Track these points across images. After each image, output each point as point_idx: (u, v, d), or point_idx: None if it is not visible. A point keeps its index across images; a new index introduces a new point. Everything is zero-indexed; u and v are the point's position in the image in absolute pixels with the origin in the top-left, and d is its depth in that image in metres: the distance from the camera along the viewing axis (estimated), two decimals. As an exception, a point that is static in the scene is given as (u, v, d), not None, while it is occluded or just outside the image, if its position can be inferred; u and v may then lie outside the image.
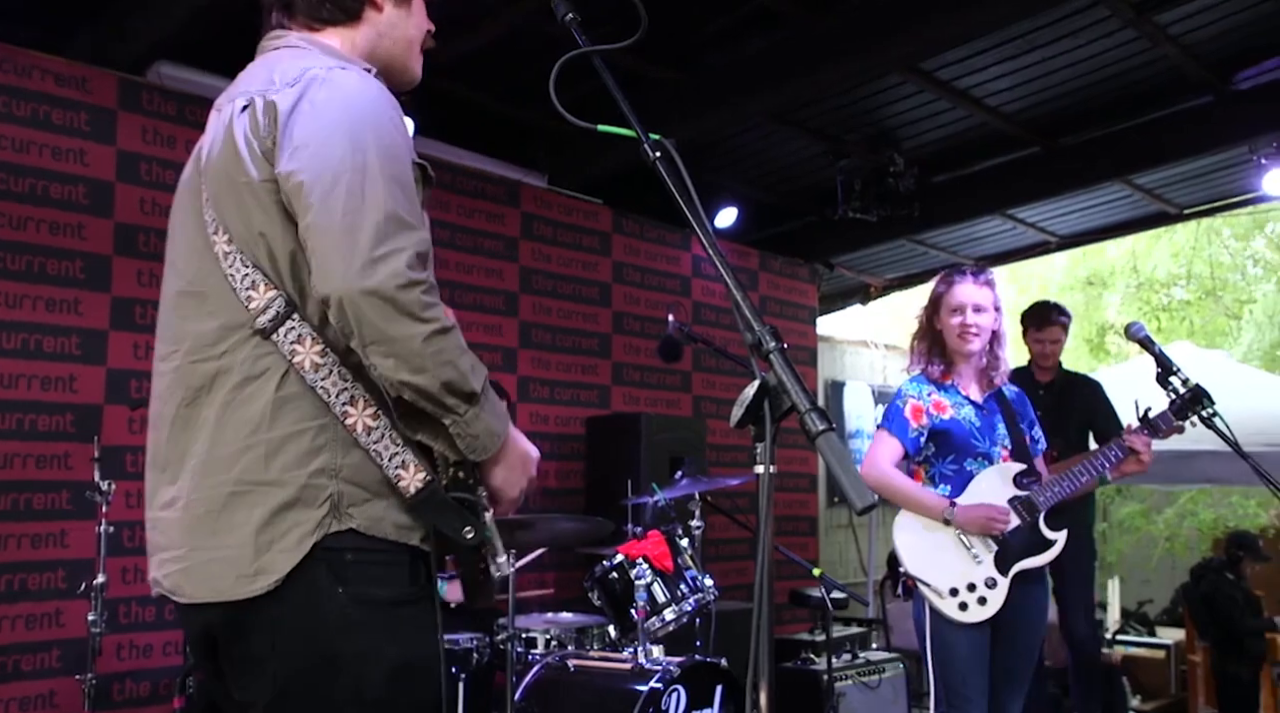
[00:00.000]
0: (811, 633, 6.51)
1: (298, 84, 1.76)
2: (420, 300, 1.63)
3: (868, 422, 10.68)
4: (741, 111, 6.28)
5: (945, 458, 3.76)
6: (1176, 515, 10.68)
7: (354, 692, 1.69)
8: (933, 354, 3.82)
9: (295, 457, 1.71)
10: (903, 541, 3.74)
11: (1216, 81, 6.37)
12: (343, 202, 1.65)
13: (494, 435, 1.77)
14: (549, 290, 6.73)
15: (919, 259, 9.34)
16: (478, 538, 1.77)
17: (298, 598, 1.69)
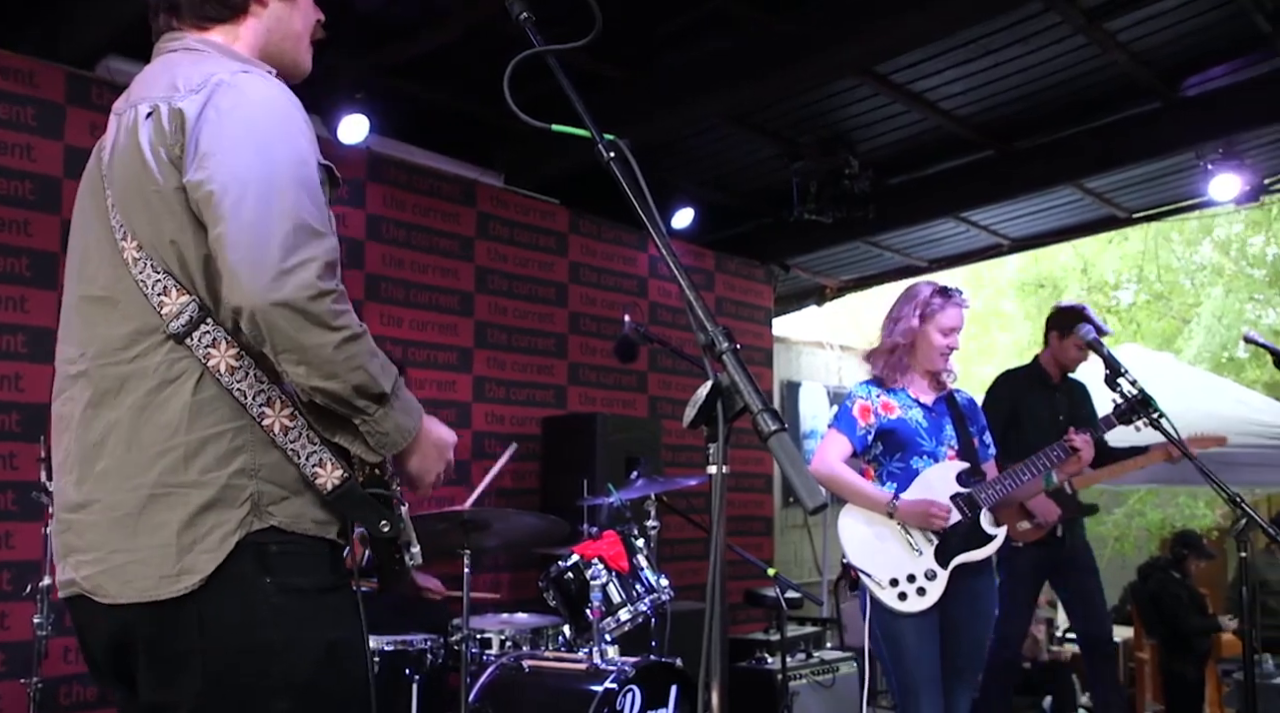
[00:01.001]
0: (766, 633, 6.54)
1: (202, 90, 1.76)
2: (331, 309, 1.66)
3: (823, 422, 10.74)
4: (698, 113, 6.29)
5: (892, 456, 3.92)
6: (1125, 516, 10.84)
7: (285, 678, 1.73)
8: (896, 360, 3.95)
9: (214, 458, 1.74)
10: (846, 532, 3.89)
11: (1164, 88, 6.47)
12: (251, 212, 1.66)
13: (404, 431, 1.80)
14: (505, 290, 6.71)
15: (874, 261, 9.41)
16: (393, 531, 1.83)
17: (225, 591, 1.72)
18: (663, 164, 7.16)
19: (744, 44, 5.75)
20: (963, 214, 8.25)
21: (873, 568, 3.79)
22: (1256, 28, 5.57)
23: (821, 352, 11.14)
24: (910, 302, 3.98)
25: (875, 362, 4.04)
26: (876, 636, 3.80)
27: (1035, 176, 7.46)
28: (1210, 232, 11.65)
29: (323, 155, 1.85)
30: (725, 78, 5.89)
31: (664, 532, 4.86)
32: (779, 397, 10.07)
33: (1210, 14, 5.77)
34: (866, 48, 5.65)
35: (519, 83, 1.78)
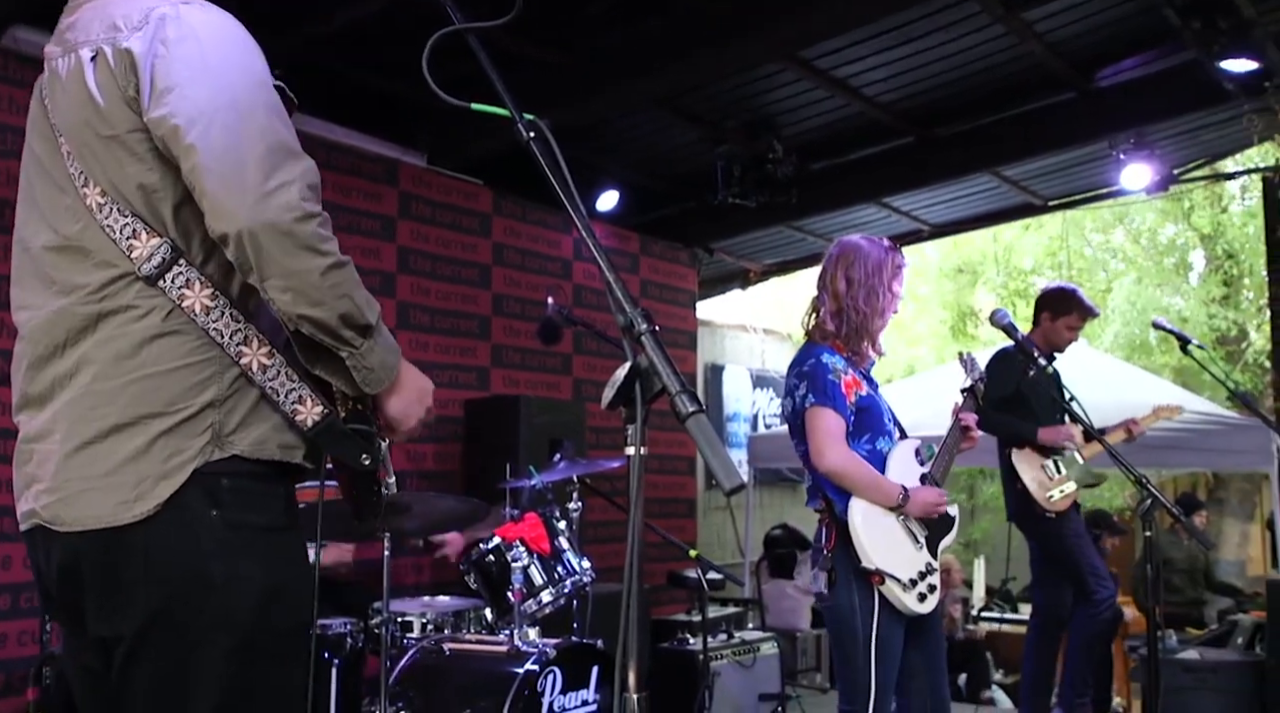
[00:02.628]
0: (688, 614, 6.60)
1: (145, 26, 1.72)
2: (318, 233, 1.65)
3: (746, 405, 10.84)
4: (623, 95, 6.28)
5: (862, 437, 3.51)
6: (1039, 496, 11.06)
7: (224, 613, 1.71)
8: (850, 329, 3.55)
9: (182, 390, 1.73)
10: (863, 534, 3.39)
11: (1079, 78, 6.60)
12: (221, 138, 1.64)
13: (388, 368, 1.79)
14: (427, 271, 6.64)
15: (797, 245, 9.49)
16: (374, 465, 1.82)
17: (171, 522, 1.70)
18: (588, 146, 7.14)
19: (670, 27, 5.74)
20: (884, 200, 8.36)
21: (897, 570, 3.38)
22: (1167, 21, 5.70)
23: (745, 335, 11.22)
24: (867, 261, 3.55)
25: (834, 328, 3.56)
26: (865, 635, 3.37)
27: (954, 163, 7.58)
28: (1122, 219, 11.93)
29: None
30: (651, 60, 5.89)
31: (587, 514, 4.86)
32: (703, 380, 10.13)
33: (1123, 6, 5.90)
34: (791, 33, 5.67)
35: (443, 61, 1.76)
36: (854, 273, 3.54)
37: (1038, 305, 5.50)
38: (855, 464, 3.42)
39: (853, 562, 3.37)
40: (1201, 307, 10.88)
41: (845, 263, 3.57)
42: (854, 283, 3.52)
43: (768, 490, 10.53)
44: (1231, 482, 10.85)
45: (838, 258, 3.61)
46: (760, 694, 5.86)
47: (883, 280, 3.53)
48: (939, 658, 3.61)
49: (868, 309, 3.51)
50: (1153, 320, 5.37)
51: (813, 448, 3.44)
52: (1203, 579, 8.97)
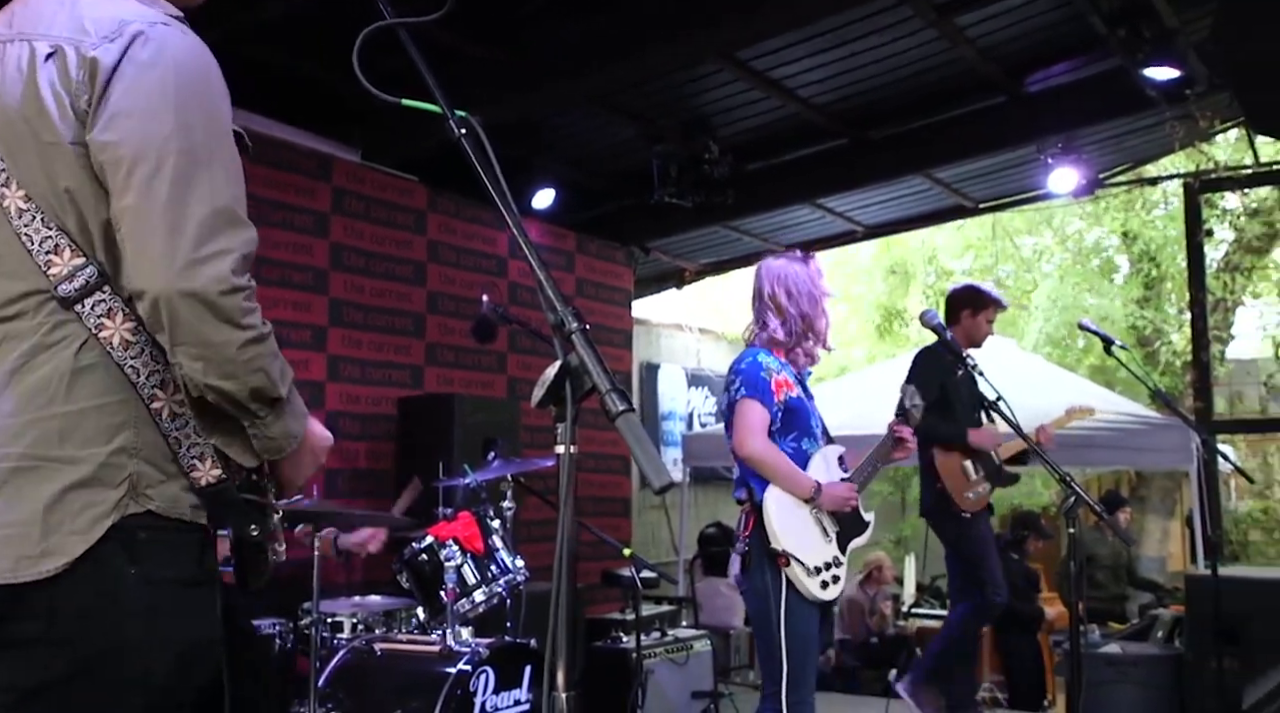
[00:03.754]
0: (622, 612, 6.59)
1: (118, 39, 1.61)
2: (241, 306, 1.56)
3: (681, 404, 10.87)
4: (560, 92, 6.27)
5: (788, 435, 3.74)
6: (968, 495, 11.23)
7: (142, 675, 1.61)
8: (796, 336, 3.82)
9: (94, 433, 1.60)
10: (775, 517, 3.63)
11: (1010, 83, 6.72)
12: (168, 189, 1.55)
13: (291, 437, 1.71)
14: (361, 268, 6.57)
15: (732, 245, 9.53)
16: (262, 535, 1.74)
17: (86, 579, 1.58)
18: (525, 143, 7.11)
19: (608, 25, 5.75)
20: (819, 200, 8.44)
21: (802, 555, 3.60)
22: (1094, 29, 5.82)
23: (680, 334, 11.26)
24: (802, 274, 3.86)
25: (783, 336, 3.83)
26: (778, 622, 3.58)
27: (887, 165, 7.68)
28: (1050, 221, 12.16)
29: None
30: (589, 59, 5.89)
31: (521, 513, 4.84)
32: (638, 379, 10.14)
33: (1051, 13, 6.02)
34: (728, 33, 5.71)
35: (380, 55, 1.75)
36: (793, 287, 3.84)
37: (954, 304, 5.59)
38: (774, 454, 3.67)
39: (764, 545, 3.61)
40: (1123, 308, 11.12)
41: (781, 280, 3.87)
42: (794, 295, 3.83)
43: (702, 489, 10.58)
44: (1153, 480, 11.11)
45: (772, 278, 3.89)
46: (693, 692, 5.88)
47: (816, 285, 3.86)
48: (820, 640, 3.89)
49: (812, 312, 3.83)
50: (1078, 322, 5.46)
51: (736, 436, 3.70)
52: (1125, 575, 9.17)
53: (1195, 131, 7.12)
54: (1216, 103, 6.61)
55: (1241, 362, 10.19)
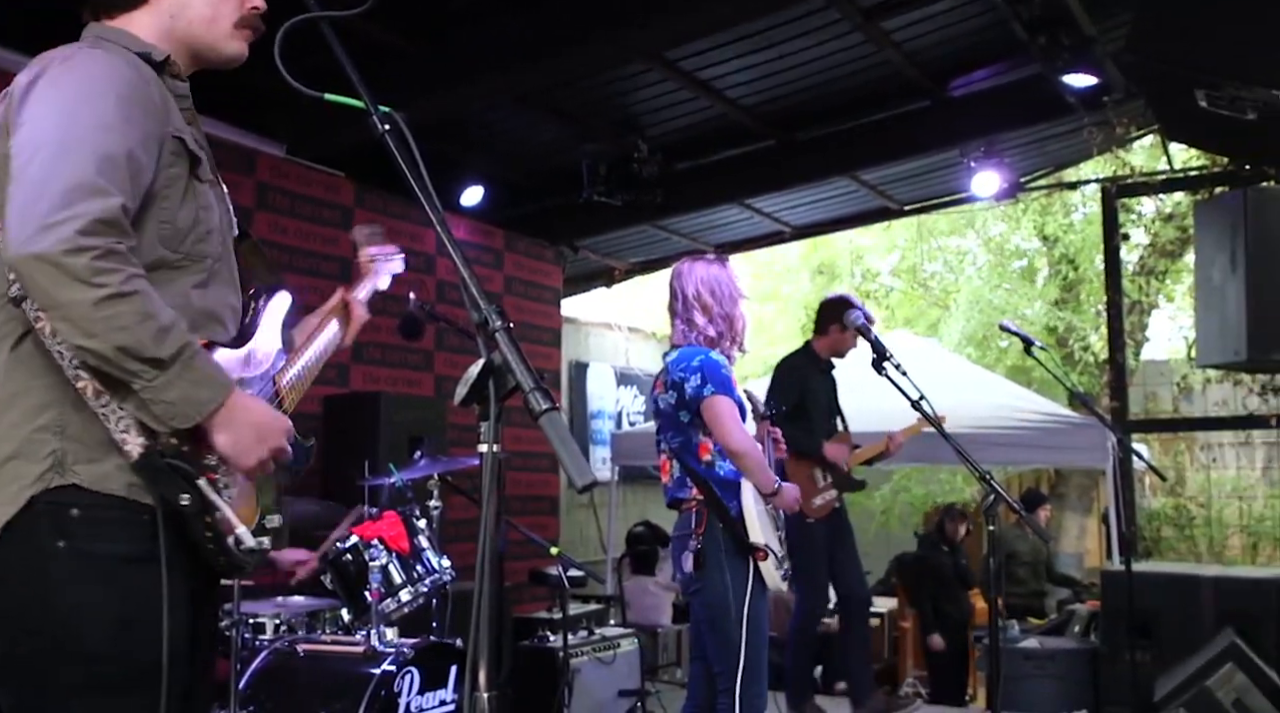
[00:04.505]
0: (550, 611, 6.58)
1: (38, 64, 1.78)
2: (90, 266, 1.63)
3: (610, 403, 10.88)
4: (490, 89, 6.23)
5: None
6: (891, 492, 11.42)
7: (76, 646, 1.70)
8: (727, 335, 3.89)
9: (21, 413, 1.74)
10: (752, 511, 3.71)
11: (934, 87, 6.82)
12: (37, 171, 1.67)
13: (194, 403, 1.74)
14: (285, 264, 6.48)
15: (662, 244, 9.57)
16: (194, 505, 1.76)
17: (12, 551, 1.71)
18: (453, 140, 7.07)
19: (538, 22, 5.72)
20: (747, 201, 8.50)
21: (775, 547, 3.74)
22: (1015, 36, 5.93)
23: (610, 333, 11.27)
24: (720, 274, 3.92)
25: (714, 334, 3.88)
26: (737, 610, 3.62)
27: (814, 167, 7.76)
28: (973, 223, 12.38)
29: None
30: (517, 56, 5.86)
31: (448, 512, 4.81)
32: (567, 377, 10.13)
33: (975, 20, 6.13)
34: (657, 33, 5.72)
35: (306, 49, 1.72)
36: (716, 287, 3.90)
37: (825, 317, 5.68)
38: (756, 447, 3.74)
39: (728, 542, 3.64)
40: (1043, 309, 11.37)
41: (705, 281, 3.92)
42: (719, 296, 3.89)
43: (631, 488, 10.59)
44: (1071, 478, 11.36)
45: (695, 280, 3.93)
46: (620, 691, 5.89)
47: (735, 287, 3.94)
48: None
49: (734, 312, 3.89)
50: (1000, 323, 5.57)
51: (721, 432, 3.70)
52: (1045, 572, 9.37)
53: (1112, 137, 7.29)
54: (1132, 110, 6.77)
55: (1155, 363, 10.47)
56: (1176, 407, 8.89)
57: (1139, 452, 6.21)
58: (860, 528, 11.91)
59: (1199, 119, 4.62)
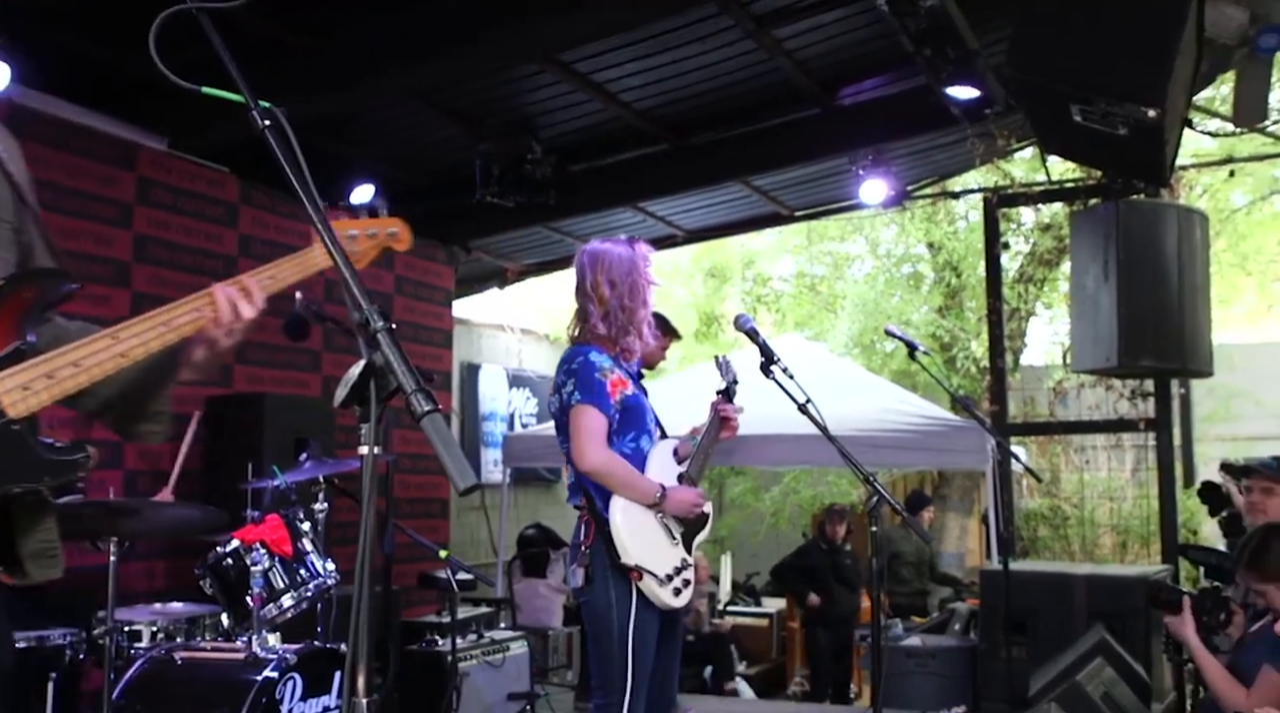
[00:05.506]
0: (439, 615, 6.53)
1: None
2: None
3: (502, 405, 10.82)
4: (382, 86, 6.14)
5: (626, 435, 3.60)
6: (781, 494, 11.56)
7: None
8: (618, 328, 3.65)
9: None
10: (623, 530, 3.46)
11: (824, 96, 6.94)
12: None
13: None
14: (167, 261, 6.30)
15: (555, 246, 9.55)
16: None
17: None
18: (344, 138, 6.94)
19: (433, 20, 5.66)
20: (640, 204, 8.53)
21: (654, 566, 3.46)
22: (902, 47, 6.07)
23: (502, 335, 11.21)
24: (623, 261, 3.67)
25: (605, 330, 3.65)
26: (620, 630, 3.44)
27: (707, 171, 7.82)
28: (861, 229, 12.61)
29: None
30: (411, 53, 5.78)
31: (334, 515, 4.73)
32: (458, 379, 10.04)
33: (863, 30, 6.25)
34: (551, 34, 5.71)
35: (191, 41, 1.68)
36: (614, 275, 3.66)
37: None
38: (614, 464, 3.51)
39: (611, 558, 3.45)
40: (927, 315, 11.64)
41: (603, 268, 3.68)
42: (617, 283, 3.65)
43: (522, 490, 10.55)
44: (954, 479, 11.65)
45: (593, 265, 3.71)
46: (509, 694, 5.87)
47: (641, 276, 3.68)
48: (675, 646, 3.74)
49: (633, 304, 3.65)
50: (885, 328, 5.69)
51: (574, 447, 3.51)
52: (928, 571, 9.60)
53: (994, 149, 7.51)
54: (1013, 123, 6.98)
55: (1034, 368, 10.80)
56: (1053, 411, 9.19)
57: (1017, 454, 6.41)
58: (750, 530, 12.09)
59: (1074, 133, 4.78)
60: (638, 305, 3.66)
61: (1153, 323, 6.24)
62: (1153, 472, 7.57)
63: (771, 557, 9.85)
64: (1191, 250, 6.43)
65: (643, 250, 3.75)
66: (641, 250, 3.74)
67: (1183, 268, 6.32)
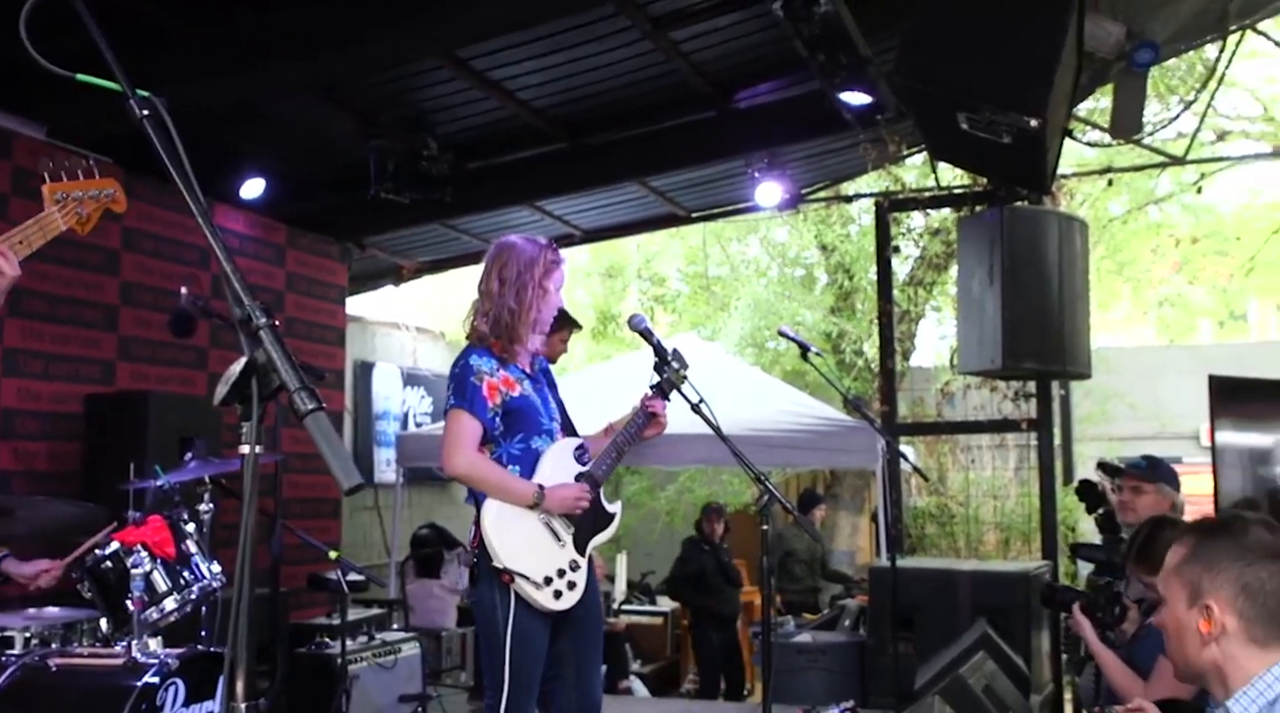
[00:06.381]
0: (329, 617, 6.43)
1: None
2: None
3: (396, 404, 10.69)
4: (275, 79, 6.00)
5: (514, 436, 3.57)
6: (676, 492, 11.65)
7: None
8: (502, 327, 3.59)
9: None
10: (494, 533, 3.45)
11: (720, 98, 7.00)
12: None
13: None
14: (46, 254, 6.00)
15: (451, 244, 9.47)
16: None
17: None
18: (236, 130, 6.78)
19: (327, 12, 5.56)
20: (538, 203, 8.50)
21: (527, 568, 3.42)
22: (797, 52, 6.15)
23: (397, 333, 11.08)
24: (521, 258, 3.60)
25: (488, 329, 3.59)
26: (502, 630, 3.43)
27: (604, 171, 7.84)
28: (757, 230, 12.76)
29: None
30: (305, 45, 5.67)
31: (221, 516, 4.62)
32: (351, 377, 9.90)
33: (759, 35, 6.32)
34: (448, 30, 5.65)
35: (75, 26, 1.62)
36: (506, 273, 3.60)
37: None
38: (483, 468, 3.50)
39: (488, 560, 3.44)
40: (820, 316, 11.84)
41: (499, 263, 3.63)
42: (506, 282, 3.59)
43: (417, 490, 10.44)
44: (845, 478, 11.87)
45: (492, 259, 3.67)
46: (401, 696, 5.81)
47: (533, 277, 3.59)
48: (590, 647, 3.72)
49: (517, 306, 3.57)
50: (779, 328, 5.76)
51: (443, 451, 3.50)
52: (819, 568, 9.76)
53: (886, 154, 7.66)
54: (904, 129, 7.13)
55: (923, 369, 11.06)
56: (940, 411, 9.41)
57: (905, 454, 6.55)
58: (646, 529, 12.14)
59: (960, 140, 4.90)
60: (523, 308, 3.58)
61: (1035, 326, 6.43)
62: (1034, 471, 7.79)
63: (666, 556, 9.91)
64: (1072, 257, 6.64)
65: (551, 255, 3.66)
66: (550, 255, 3.66)
67: (1063, 274, 6.53)
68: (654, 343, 3.84)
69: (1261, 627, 1.90)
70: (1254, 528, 1.97)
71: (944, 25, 4.55)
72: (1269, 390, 8.18)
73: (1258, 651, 1.90)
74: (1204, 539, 2.02)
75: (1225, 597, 1.92)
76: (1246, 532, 1.97)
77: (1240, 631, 1.91)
